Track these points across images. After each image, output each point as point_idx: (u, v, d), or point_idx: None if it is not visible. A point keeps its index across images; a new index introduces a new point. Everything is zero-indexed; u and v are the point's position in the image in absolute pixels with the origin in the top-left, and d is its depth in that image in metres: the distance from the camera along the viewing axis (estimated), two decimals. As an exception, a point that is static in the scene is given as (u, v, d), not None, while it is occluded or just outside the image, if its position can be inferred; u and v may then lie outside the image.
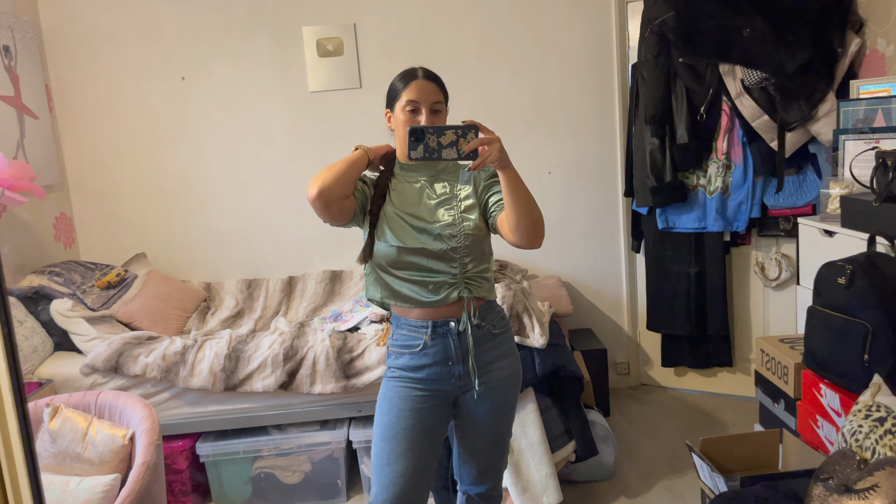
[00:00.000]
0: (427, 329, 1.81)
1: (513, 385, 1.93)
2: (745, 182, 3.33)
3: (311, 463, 2.94)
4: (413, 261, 1.78)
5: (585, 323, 3.89)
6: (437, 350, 1.82)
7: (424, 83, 1.77)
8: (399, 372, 1.86)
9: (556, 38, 3.71)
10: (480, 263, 1.83)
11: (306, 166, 3.76)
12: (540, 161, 3.72)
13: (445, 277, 1.78)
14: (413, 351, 1.83)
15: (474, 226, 1.78)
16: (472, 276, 1.80)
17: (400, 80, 1.79)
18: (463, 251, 1.77)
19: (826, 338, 2.32)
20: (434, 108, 1.76)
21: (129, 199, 3.75)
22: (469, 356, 1.82)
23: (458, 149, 1.56)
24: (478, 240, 1.80)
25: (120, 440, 1.93)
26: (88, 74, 3.65)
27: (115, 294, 3.24)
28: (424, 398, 1.84)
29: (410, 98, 1.75)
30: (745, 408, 3.53)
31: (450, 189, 1.82)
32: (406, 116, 1.75)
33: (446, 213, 1.79)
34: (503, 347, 1.90)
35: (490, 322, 1.86)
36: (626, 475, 3.02)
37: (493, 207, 1.78)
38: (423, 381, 1.84)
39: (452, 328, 1.81)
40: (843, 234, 2.61)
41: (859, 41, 3.11)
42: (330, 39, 3.67)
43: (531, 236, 1.66)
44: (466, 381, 1.85)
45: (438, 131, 1.56)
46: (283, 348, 2.84)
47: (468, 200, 1.81)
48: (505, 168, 1.58)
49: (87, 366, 2.83)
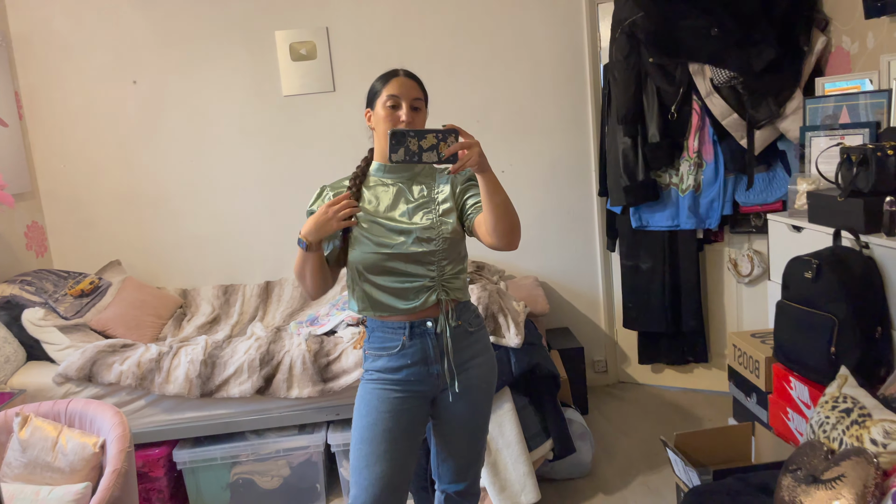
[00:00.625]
0: (405, 330, 1.82)
1: (489, 381, 1.95)
2: (716, 180, 3.37)
3: (289, 467, 2.93)
4: (391, 266, 1.78)
5: (562, 322, 3.92)
6: (416, 350, 1.82)
7: (405, 80, 1.80)
8: (377, 374, 1.86)
9: (528, 39, 3.73)
10: (457, 265, 1.85)
11: (281, 170, 3.76)
12: (516, 162, 3.74)
13: (424, 281, 1.79)
14: (391, 352, 1.84)
15: (452, 229, 1.80)
16: (450, 278, 1.82)
17: (380, 79, 1.82)
18: (441, 254, 1.79)
19: (794, 331, 2.36)
20: (414, 104, 1.78)
21: (103, 207, 3.72)
22: (446, 356, 1.84)
23: (438, 152, 1.58)
24: (455, 242, 1.82)
25: (91, 448, 1.91)
26: (59, 81, 3.62)
27: (89, 302, 3.21)
28: (403, 399, 1.84)
29: (391, 93, 1.77)
30: (720, 402, 3.57)
31: (427, 192, 1.84)
32: (386, 112, 1.77)
33: (424, 216, 1.80)
34: (479, 345, 1.92)
35: (466, 320, 1.88)
36: (603, 472, 3.04)
37: (470, 210, 1.80)
38: (401, 383, 1.84)
39: (430, 328, 1.82)
40: (811, 229, 2.65)
41: (825, 39, 3.16)
42: (303, 43, 3.67)
43: (509, 238, 1.69)
44: (444, 380, 1.86)
45: (419, 135, 1.59)
46: (259, 353, 2.84)
47: (446, 204, 1.82)
48: (483, 171, 1.60)
49: (60, 375, 2.80)
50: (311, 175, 3.72)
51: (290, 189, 3.75)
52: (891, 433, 1.77)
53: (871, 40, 2.88)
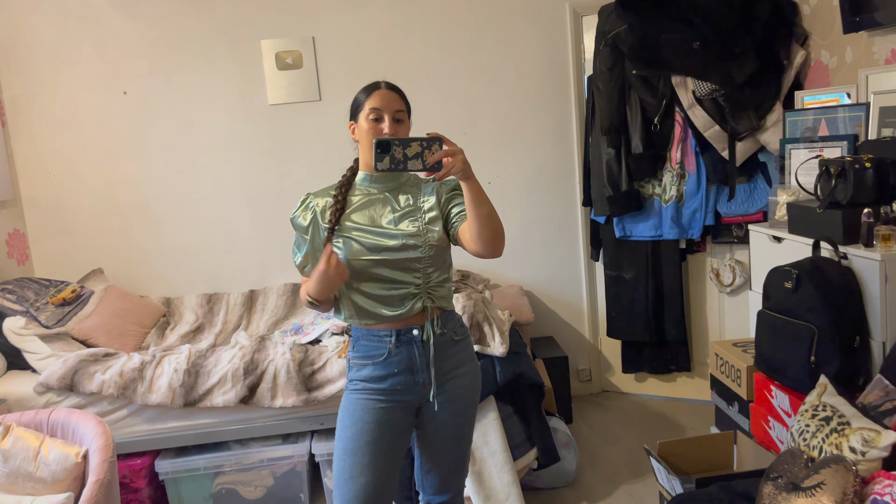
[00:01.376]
0: (391, 338, 1.82)
1: (474, 390, 1.96)
2: (698, 190, 3.41)
3: (273, 477, 2.92)
4: (377, 272, 1.80)
5: (547, 331, 3.94)
6: (402, 358, 1.83)
7: (387, 92, 1.82)
8: (362, 384, 1.85)
9: (513, 50, 3.77)
10: (443, 273, 1.87)
11: (266, 179, 3.75)
12: (500, 171, 3.76)
13: (409, 288, 1.81)
14: (377, 360, 1.84)
15: (438, 237, 1.82)
16: (435, 285, 1.84)
17: (363, 91, 1.84)
18: (427, 261, 1.81)
19: (775, 341, 2.39)
20: (396, 116, 1.80)
21: (85, 215, 3.70)
22: (431, 364, 1.84)
23: (423, 160, 1.60)
24: (440, 251, 1.84)
25: (73, 458, 1.90)
26: (42, 89, 3.60)
27: (71, 311, 3.19)
28: (388, 410, 1.84)
29: (374, 106, 1.79)
30: (703, 411, 3.60)
31: (413, 201, 1.86)
32: (369, 125, 1.79)
33: (410, 224, 1.82)
34: (464, 354, 1.93)
35: (451, 329, 1.89)
36: (588, 481, 3.06)
37: (455, 218, 1.82)
38: (386, 392, 1.84)
39: (416, 336, 1.83)
40: (791, 239, 2.69)
41: (804, 53, 3.22)
42: (289, 52, 3.68)
43: (493, 245, 1.71)
44: (430, 389, 1.87)
45: (404, 143, 1.60)
46: (243, 362, 2.83)
47: (432, 212, 1.85)
48: (468, 179, 1.63)
49: (42, 384, 2.78)
50: (296, 184, 3.73)
51: (275, 197, 3.75)
52: (869, 441, 1.80)
53: (849, 54, 2.93)
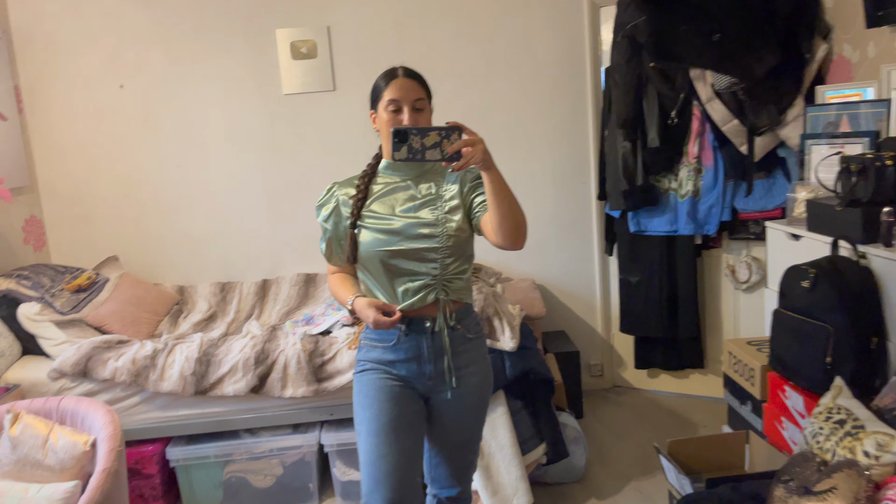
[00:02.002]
0: (402, 324, 1.82)
1: (484, 389, 1.94)
2: (715, 186, 3.36)
3: (282, 467, 2.93)
4: (393, 263, 1.79)
5: (559, 325, 3.91)
6: (410, 347, 1.83)
7: (405, 81, 1.79)
8: (371, 364, 1.87)
9: (529, 41, 3.72)
10: (461, 265, 1.84)
11: (281, 168, 3.75)
12: (516, 163, 3.73)
13: (425, 279, 1.79)
14: (386, 345, 1.84)
15: (457, 227, 1.80)
16: (451, 277, 1.82)
17: (381, 79, 1.82)
18: (444, 251, 1.79)
19: (790, 340, 2.35)
20: (416, 105, 1.78)
21: (102, 202, 3.72)
22: (444, 357, 1.83)
23: (441, 150, 1.58)
24: (460, 241, 1.81)
25: (81, 446, 1.91)
26: (60, 75, 3.62)
27: (86, 298, 3.21)
28: (401, 387, 1.85)
29: (392, 97, 1.77)
30: (716, 409, 3.57)
31: (435, 189, 1.84)
32: (389, 116, 1.77)
33: (429, 212, 1.80)
34: (475, 353, 1.91)
35: (465, 326, 1.87)
36: (596, 477, 3.04)
37: (478, 208, 1.79)
38: (395, 376, 1.85)
39: (427, 327, 1.82)
40: (809, 237, 2.64)
41: (826, 47, 3.15)
42: (304, 42, 3.66)
43: (514, 237, 1.68)
44: (437, 382, 1.86)
45: (422, 132, 1.58)
46: (254, 352, 2.83)
47: (453, 201, 1.82)
48: (488, 169, 1.60)
49: (55, 370, 2.80)
50: (310, 174, 3.72)
51: (289, 187, 3.75)
52: (883, 445, 1.76)
53: (872, 49, 2.87)
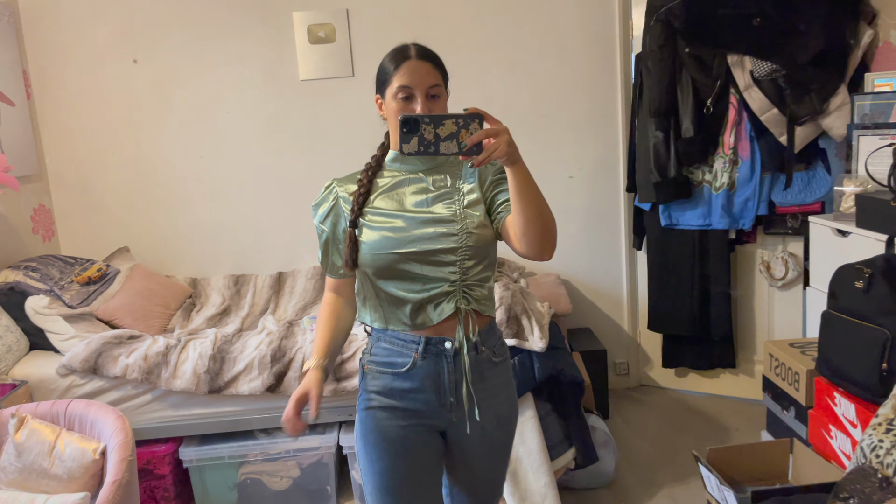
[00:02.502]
0: (418, 345, 1.54)
1: (511, 421, 1.68)
2: (752, 178, 3.20)
3: (299, 468, 2.82)
4: (405, 269, 1.51)
5: (584, 322, 3.77)
6: (428, 373, 1.54)
7: (419, 64, 1.51)
8: (378, 399, 1.57)
9: (556, 25, 3.57)
10: (484, 270, 1.56)
11: (297, 157, 3.63)
12: (539, 154, 3.59)
13: (443, 286, 1.51)
14: (397, 371, 1.56)
15: (479, 223, 1.52)
16: (473, 283, 1.54)
17: (390, 60, 1.54)
18: (465, 252, 1.50)
19: (842, 344, 2.21)
20: (431, 92, 1.51)
21: (113, 191, 3.61)
22: (463, 383, 1.55)
23: (458, 142, 1.33)
24: (483, 242, 1.53)
25: (90, 455, 1.80)
26: (69, 60, 3.50)
27: (96, 290, 3.10)
28: (415, 431, 1.57)
29: (403, 83, 1.49)
30: (749, 411, 3.43)
31: (451, 182, 1.57)
32: (399, 105, 1.50)
33: (445, 207, 1.53)
34: (501, 379, 1.63)
35: (490, 347, 1.60)
36: (626, 482, 2.91)
37: (501, 208, 1.52)
38: (407, 412, 1.57)
39: (448, 349, 1.53)
40: (858, 234, 2.50)
41: (872, 32, 2.98)
42: (322, 26, 3.52)
43: (540, 246, 1.42)
44: (459, 414, 1.57)
45: (436, 121, 1.34)
46: (270, 349, 2.72)
47: (472, 195, 1.55)
48: (514, 164, 1.34)
49: (64, 366, 2.70)
50: (328, 162, 3.59)
51: (306, 177, 3.62)
52: (957, 464, 1.62)
53: (925, 34, 2.70)
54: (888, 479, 1.74)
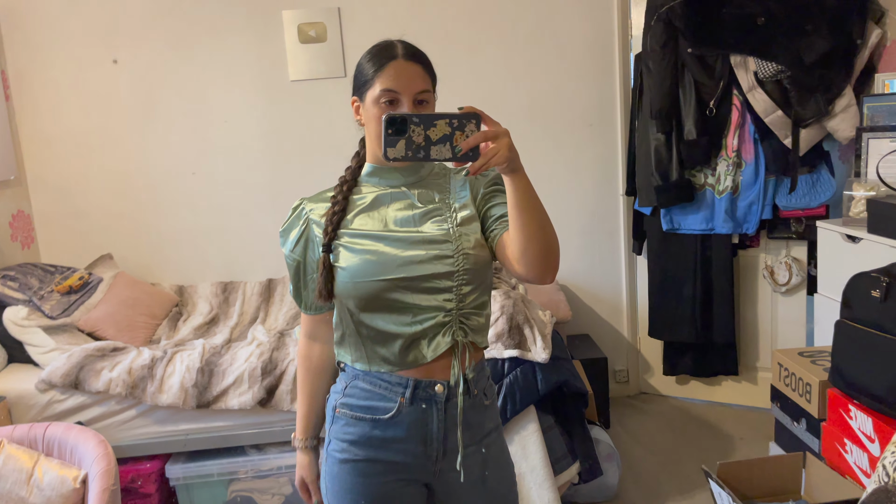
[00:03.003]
0: (405, 389, 1.34)
1: (509, 467, 1.49)
2: (756, 181, 3.13)
3: (291, 485, 2.71)
4: (391, 298, 1.32)
5: (583, 329, 3.68)
6: (415, 421, 1.35)
7: (406, 65, 1.31)
8: (353, 450, 1.36)
9: (554, 25, 3.48)
10: (480, 296, 1.37)
11: (287, 160, 3.51)
12: (536, 157, 3.50)
13: (437, 316, 1.32)
14: (378, 417, 1.35)
15: (475, 242, 1.34)
16: (469, 312, 1.35)
17: (372, 59, 1.33)
18: (461, 277, 1.32)
19: (857, 355, 2.12)
20: (419, 98, 1.32)
21: (95, 196, 3.47)
22: (457, 429, 1.36)
23: (452, 146, 1.15)
24: (480, 264, 1.35)
25: (70, 483, 1.68)
26: (49, 60, 3.36)
27: (77, 300, 2.97)
28: (398, 487, 1.38)
29: (387, 87, 1.30)
30: (752, 419, 3.35)
31: (439, 198, 1.39)
32: (381, 110, 1.30)
33: (436, 226, 1.35)
34: (493, 423, 1.45)
35: (481, 388, 1.41)
36: (630, 495, 2.82)
37: (496, 224, 1.35)
38: (389, 465, 1.37)
39: (439, 393, 1.34)
40: (870, 240, 2.42)
41: (880, 32, 2.91)
42: (312, 24, 3.41)
43: (542, 268, 1.24)
44: (447, 464, 1.38)
45: (426, 121, 1.16)
46: (261, 361, 2.61)
47: (465, 211, 1.37)
48: (514, 172, 1.17)
49: (44, 381, 2.58)
50: (319, 166, 3.47)
51: (296, 180, 3.50)
52: None
53: (936, 34, 2.63)
54: (915, 500, 1.66)
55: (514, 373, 2.46)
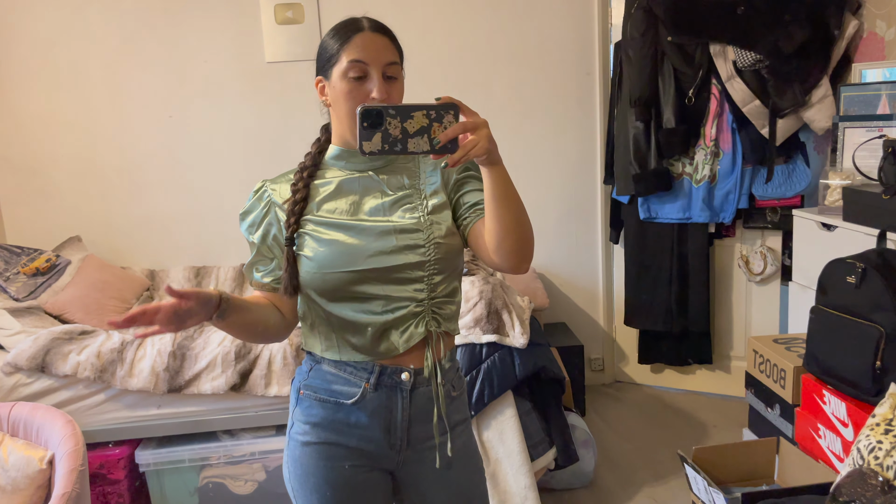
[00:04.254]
0: (370, 374, 1.31)
1: (477, 460, 1.46)
2: (733, 170, 3.14)
3: (265, 471, 2.67)
4: (360, 290, 1.28)
5: (559, 317, 3.68)
6: (378, 407, 1.32)
7: (373, 37, 1.27)
8: (316, 433, 1.33)
9: (534, 11, 3.45)
10: (451, 282, 1.34)
11: (262, 142, 3.45)
12: (515, 145, 3.48)
13: (409, 306, 1.29)
14: (342, 401, 1.32)
15: (447, 231, 1.31)
16: (441, 301, 1.32)
17: (336, 35, 1.29)
18: (433, 267, 1.29)
19: (832, 341, 2.14)
20: (388, 72, 1.27)
21: (63, 176, 3.38)
22: (438, 411, 1.34)
23: (430, 138, 1.13)
24: (452, 252, 1.32)
25: (37, 464, 1.63)
26: (16, 37, 3.26)
27: (45, 282, 2.90)
28: (362, 472, 1.35)
29: (355, 58, 1.25)
30: (726, 407, 3.38)
31: (409, 183, 1.35)
32: (349, 85, 1.26)
33: (407, 213, 1.31)
34: (460, 415, 1.42)
35: (449, 379, 1.38)
36: (605, 481, 2.83)
37: (469, 212, 1.33)
38: (352, 451, 1.34)
39: (404, 381, 1.32)
40: (845, 227, 2.44)
41: (857, 23, 2.94)
42: (289, 5, 3.35)
43: (518, 258, 1.23)
44: (411, 454, 1.36)
45: (403, 113, 1.12)
46: (234, 346, 2.56)
47: (436, 198, 1.34)
48: (493, 164, 1.15)
49: (9, 364, 2.50)
50: (294, 149, 3.38)
51: (271, 162, 3.41)
52: (963, 467, 1.56)
53: (911, 25, 2.66)
54: (889, 482, 1.68)
55: (492, 358, 2.45)
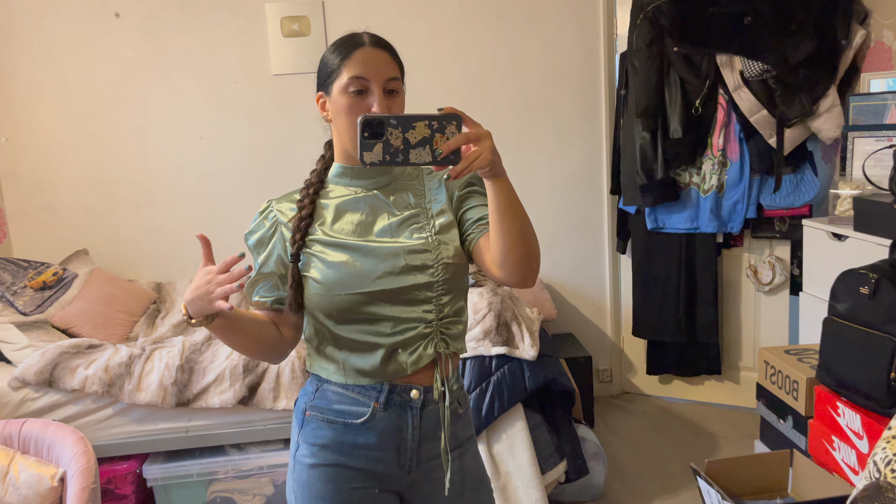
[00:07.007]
0: (380, 393, 1.29)
1: (485, 479, 1.44)
2: (741, 180, 3.13)
3: (273, 486, 2.65)
4: (368, 311, 1.27)
5: (567, 328, 3.67)
6: (388, 427, 1.29)
7: (374, 52, 1.27)
8: (324, 455, 1.30)
9: (539, 22, 3.46)
10: (457, 301, 1.33)
11: (269, 155, 3.45)
12: (520, 156, 3.48)
13: (418, 327, 1.27)
14: (350, 421, 1.29)
15: (455, 251, 1.30)
16: (449, 322, 1.31)
17: (337, 50, 1.28)
18: (441, 287, 1.28)
19: (846, 352, 2.13)
20: (389, 87, 1.27)
21: (70, 189, 3.38)
22: (443, 432, 1.31)
23: (432, 148, 1.11)
24: (459, 272, 1.31)
25: (48, 482, 1.62)
26: (24, 50, 3.27)
27: (52, 296, 2.89)
28: (369, 491, 1.31)
29: (356, 73, 1.25)
30: (736, 418, 3.36)
31: (416, 202, 1.33)
32: (350, 100, 1.25)
33: (415, 234, 1.30)
34: (465, 433, 1.40)
35: (456, 398, 1.36)
36: (615, 495, 2.81)
37: (473, 228, 1.30)
38: (361, 473, 1.30)
39: (414, 399, 1.30)
40: (856, 238, 2.43)
41: (864, 33, 2.94)
42: (296, 18, 3.36)
43: (523, 273, 1.21)
44: (420, 474, 1.34)
45: (405, 123, 1.11)
46: (242, 359, 2.55)
47: (443, 217, 1.32)
48: (496, 177, 1.14)
49: (17, 378, 2.50)
50: (303, 161, 3.41)
51: (278, 176, 3.44)
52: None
53: (920, 35, 2.66)
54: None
55: (502, 370, 2.44)
